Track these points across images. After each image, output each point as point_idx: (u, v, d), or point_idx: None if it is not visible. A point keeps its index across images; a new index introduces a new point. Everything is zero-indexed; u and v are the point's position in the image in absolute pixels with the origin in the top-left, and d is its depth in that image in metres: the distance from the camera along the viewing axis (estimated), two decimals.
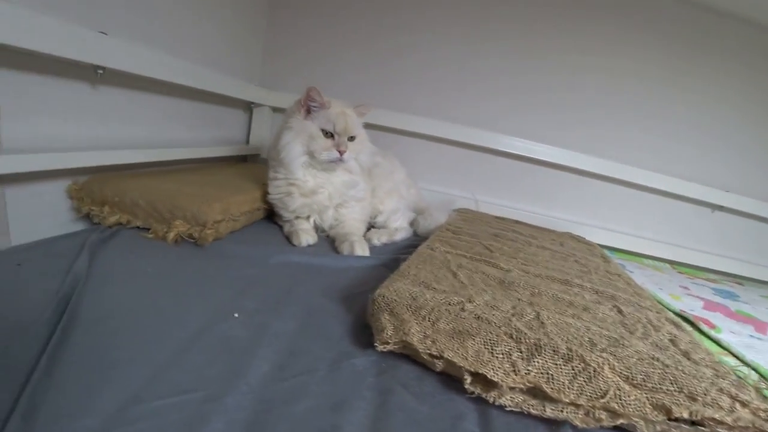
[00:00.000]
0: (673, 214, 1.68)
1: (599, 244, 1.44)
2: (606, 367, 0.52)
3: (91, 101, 0.97)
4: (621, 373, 0.52)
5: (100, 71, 0.92)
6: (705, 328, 0.90)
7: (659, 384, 0.51)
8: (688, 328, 0.73)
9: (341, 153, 1.05)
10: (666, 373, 0.53)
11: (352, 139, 1.09)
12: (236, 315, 0.64)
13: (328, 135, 1.06)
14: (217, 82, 1.37)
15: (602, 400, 0.49)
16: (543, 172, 1.70)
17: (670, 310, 0.90)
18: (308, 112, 1.07)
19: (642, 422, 0.49)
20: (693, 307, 1.06)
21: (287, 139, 1.07)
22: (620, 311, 0.73)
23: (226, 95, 1.46)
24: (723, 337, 0.88)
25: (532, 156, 1.66)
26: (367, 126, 1.57)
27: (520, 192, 1.74)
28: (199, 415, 0.43)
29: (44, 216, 0.88)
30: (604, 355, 0.55)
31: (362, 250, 1.04)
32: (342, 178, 1.12)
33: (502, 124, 1.68)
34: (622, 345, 0.59)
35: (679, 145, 1.63)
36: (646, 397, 0.50)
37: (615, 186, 1.68)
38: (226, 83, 1.43)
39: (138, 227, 0.92)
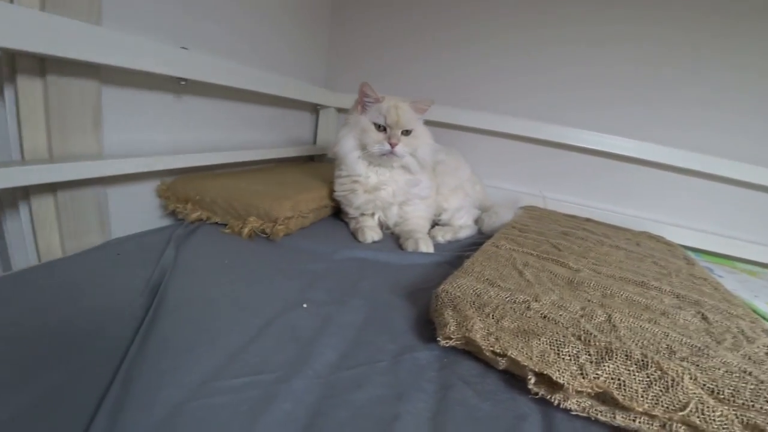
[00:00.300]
0: None
1: (683, 246, 1.32)
2: (686, 377, 0.48)
3: (176, 110, 1.07)
4: (704, 385, 0.48)
5: (183, 82, 1.02)
6: None
7: (751, 401, 0.46)
8: None
9: (392, 146, 1.04)
10: (760, 389, 0.47)
11: (407, 133, 1.08)
12: (305, 306, 0.68)
13: (381, 128, 1.07)
14: (285, 87, 1.44)
15: (681, 413, 0.45)
16: (617, 166, 1.58)
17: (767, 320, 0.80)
18: (364, 108, 1.09)
19: None
20: None
21: (342, 134, 1.12)
22: (705, 318, 0.67)
23: (294, 99, 1.53)
24: None
25: (604, 150, 1.54)
26: (431, 123, 1.56)
27: (592, 188, 1.63)
28: (269, 395, 0.47)
29: (137, 212, 0.99)
30: (685, 364, 0.50)
31: (426, 247, 1.04)
32: (405, 176, 1.13)
33: (570, 116, 1.58)
34: (707, 355, 0.54)
35: None
36: (735, 415, 0.45)
37: (701, 180, 1.51)
38: (294, 87, 1.50)
39: (217, 223, 1.00)
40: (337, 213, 1.24)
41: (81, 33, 0.72)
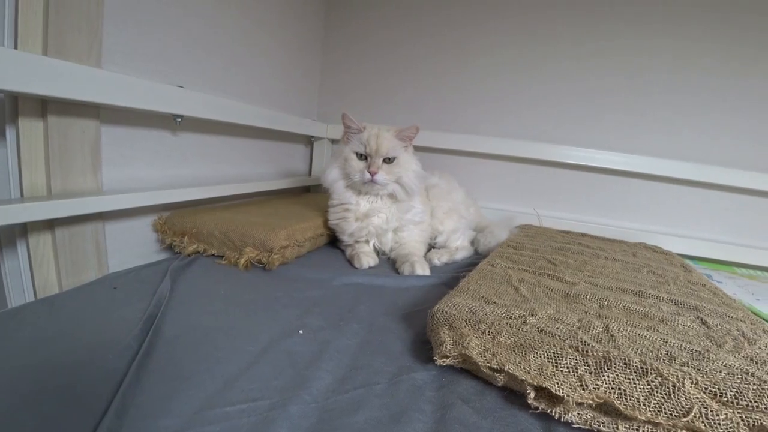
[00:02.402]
0: None
1: (681, 254, 1.32)
2: (688, 382, 0.47)
3: (172, 146, 1.10)
4: (707, 388, 0.47)
5: (179, 119, 1.05)
6: None
7: (755, 402, 0.45)
8: None
9: (372, 174, 1.05)
10: (763, 389, 0.47)
11: (389, 161, 1.09)
12: (301, 332, 0.68)
13: (362, 157, 1.09)
14: (279, 121, 1.48)
15: (685, 419, 0.44)
16: (610, 180, 1.60)
17: None
18: (348, 138, 1.12)
19: None
20: None
21: (327, 165, 1.15)
22: (704, 323, 0.66)
23: (289, 132, 1.57)
24: None
25: (596, 165, 1.57)
26: (425, 149, 1.60)
27: (586, 203, 1.65)
28: (266, 421, 0.46)
29: (135, 247, 1.00)
30: (685, 369, 0.50)
31: (423, 269, 1.04)
32: (395, 204, 1.14)
33: (561, 134, 1.62)
34: (707, 359, 0.53)
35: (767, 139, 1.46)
36: (740, 417, 0.44)
37: (695, 189, 1.53)
38: (288, 121, 1.54)
39: (213, 255, 1.01)
40: (334, 241, 1.25)
41: (81, 75, 0.75)
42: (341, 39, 1.88)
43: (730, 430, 0.43)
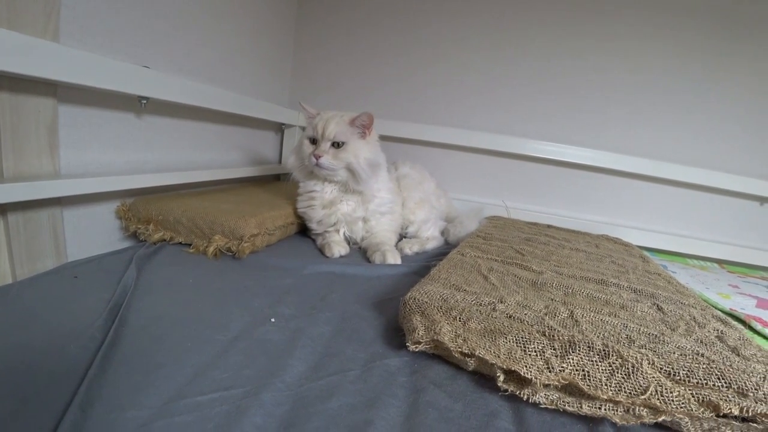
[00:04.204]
0: (719, 210, 1.60)
1: (639, 246, 1.39)
2: (645, 363, 0.50)
3: (137, 129, 1.05)
4: (662, 368, 0.50)
5: (144, 101, 1.00)
6: (758, 326, 0.84)
7: (704, 380, 0.49)
8: (739, 326, 0.69)
9: (316, 157, 1.03)
10: (712, 368, 0.50)
11: (338, 146, 1.05)
12: (273, 320, 0.67)
13: (314, 142, 1.08)
14: (250, 106, 1.44)
15: (642, 397, 0.48)
16: (575, 174, 1.67)
17: (717, 309, 0.86)
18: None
19: (687, 419, 0.47)
20: (744, 306, 0.99)
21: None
22: (660, 309, 0.70)
23: (259, 118, 1.53)
24: None
25: (562, 159, 1.63)
26: (397, 139, 1.60)
27: (552, 196, 1.71)
28: (239, 410, 0.46)
29: (96, 235, 0.96)
30: (643, 351, 0.53)
31: (394, 258, 1.05)
32: (361, 194, 1.13)
33: (529, 128, 1.67)
34: (663, 341, 0.57)
35: (719, 138, 1.56)
36: (691, 394, 0.48)
37: (652, 185, 1.62)
38: (258, 107, 1.50)
39: (180, 243, 0.98)
40: (304, 230, 1.23)
41: (37, 49, 0.70)
42: (314, 26, 1.84)
43: (682, 405, 0.47)
